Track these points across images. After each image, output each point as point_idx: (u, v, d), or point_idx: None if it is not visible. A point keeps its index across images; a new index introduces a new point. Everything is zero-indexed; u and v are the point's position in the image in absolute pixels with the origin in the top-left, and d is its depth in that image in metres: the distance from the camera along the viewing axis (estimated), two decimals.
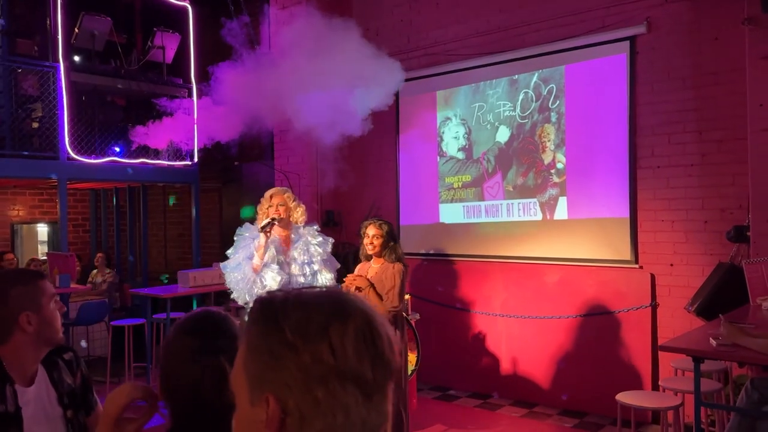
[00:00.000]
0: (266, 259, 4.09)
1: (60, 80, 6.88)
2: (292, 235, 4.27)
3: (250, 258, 4.10)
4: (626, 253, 5.26)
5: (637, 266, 5.20)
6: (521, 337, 5.83)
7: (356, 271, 4.30)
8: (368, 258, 4.23)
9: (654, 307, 5.12)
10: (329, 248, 4.33)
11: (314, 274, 4.21)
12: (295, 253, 4.19)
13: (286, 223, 4.22)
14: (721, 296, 4.37)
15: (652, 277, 5.13)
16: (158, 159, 7.98)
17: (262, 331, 0.78)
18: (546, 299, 5.67)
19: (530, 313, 5.74)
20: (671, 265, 5.05)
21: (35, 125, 7.51)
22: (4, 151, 6.90)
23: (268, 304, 0.80)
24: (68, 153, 7.00)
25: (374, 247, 4.14)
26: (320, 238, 4.31)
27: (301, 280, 4.16)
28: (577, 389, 5.47)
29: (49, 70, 6.94)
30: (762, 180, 4.29)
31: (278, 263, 4.11)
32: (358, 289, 3.99)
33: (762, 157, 4.28)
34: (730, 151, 4.72)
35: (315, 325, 0.76)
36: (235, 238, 4.37)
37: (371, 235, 4.17)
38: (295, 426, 0.75)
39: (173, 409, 1.25)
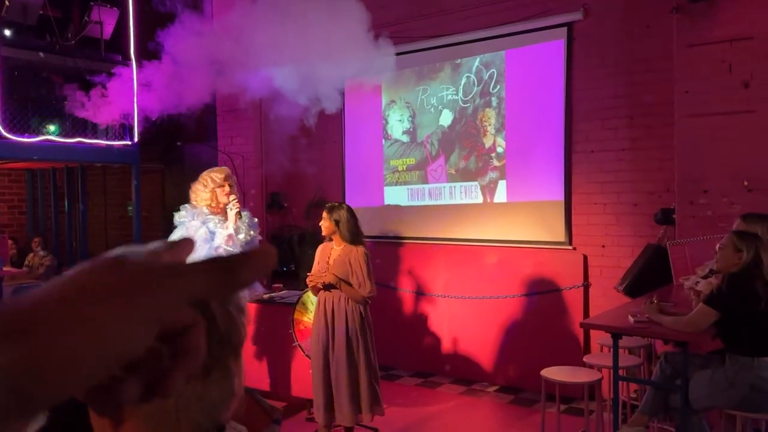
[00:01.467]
0: (219, 241, 4.07)
1: None
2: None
3: (208, 242, 4.05)
4: (561, 235, 5.42)
5: (571, 248, 5.37)
6: (462, 317, 5.96)
7: (318, 252, 4.25)
8: (330, 238, 4.22)
9: (586, 287, 5.31)
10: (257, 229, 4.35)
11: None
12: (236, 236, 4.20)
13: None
14: (648, 276, 4.57)
15: (585, 258, 5.31)
16: (96, 138, 7.76)
17: None
18: (486, 280, 5.81)
19: (471, 294, 5.87)
20: (603, 246, 5.24)
21: None
22: None
23: None
24: (0, 132, 6.73)
25: (324, 229, 4.16)
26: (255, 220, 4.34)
27: None
28: (513, 366, 5.64)
29: None
30: (687, 165, 4.48)
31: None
32: (328, 286, 4.00)
33: (687, 143, 4.47)
34: (658, 136, 4.90)
35: None
36: (176, 224, 4.28)
37: (321, 224, 4.19)
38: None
39: None
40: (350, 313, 4.01)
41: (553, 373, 3.75)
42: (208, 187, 4.22)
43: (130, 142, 7.93)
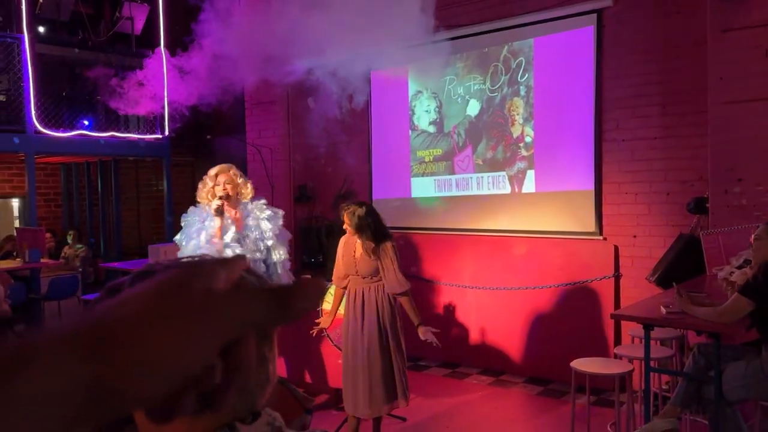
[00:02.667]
0: (227, 239, 4.05)
1: (24, 52, 6.75)
2: (242, 212, 4.20)
3: (209, 241, 4.05)
4: (591, 225, 5.35)
5: (601, 238, 5.30)
6: (490, 308, 5.93)
7: (341, 246, 4.20)
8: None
9: (617, 277, 5.24)
10: (280, 222, 4.26)
11: (268, 249, 4.18)
12: (247, 230, 4.17)
13: (235, 201, 4.10)
14: (681, 266, 4.49)
15: (616, 248, 5.23)
16: (128, 132, 7.90)
17: None
18: (514, 271, 5.77)
19: (499, 285, 5.84)
20: (634, 236, 5.16)
21: (1, 98, 7.38)
22: None
23: (141, 275, 0.82)
24: (35, 126, 6.90)
25: (348, 231, 4.11)
26: (269, 212, 4.23)
27: (258, 255, 4.14)
28: (542, 358, 5.60)
29: (13, 41, 6.79)
30: (721, 153, 4.38)
31: (236, 241, 4.09)
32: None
33: (721, 130, 4.36)
34: (691, 124, 4.80)
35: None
36: (182, 224, 4.23)
37: (346, 222, 4.12)
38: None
39: None
40: (381, 304, 4.02)
41: (583, 364, 3.72)
42: (206, 186, 4.13)
43: (161, 136, 8.06)
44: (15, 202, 9.70)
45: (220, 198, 4.00)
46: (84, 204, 9.84)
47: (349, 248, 4.15)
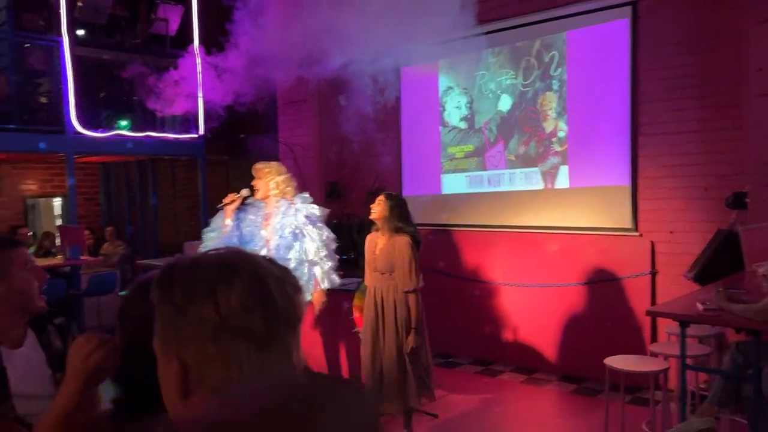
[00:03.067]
0: (246, 236, 4.21)
1: (63, 54, 6.93)
2: (276, 208, 4.35)
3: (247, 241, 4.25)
4: (626, 221, 5.25)
5: (637, 234, 5.20)
6: (523, 305, 5.87)
7: (366, 242, 4.25)
8: (377, 228, 4.20)
9: (653, 274, 5.13)
10: (302, 217, 4.35)
11: (287, 247, 4.28)
12: (274, 226, 4.29)
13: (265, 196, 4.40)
14: (719, 263, 4.36)
15: (652, 244, 5.13)
16: (164, 132, 8.05)
17: (160, 295, 0.83)
18: (547, 268, 5.70)
19: (532, 282, 5.78)
20: (671, 232, 5.04)
21: (43, 100, 7.59)
22: (11, 126, 6.99)
23: (168, 269, 0.85)
24: (75, 127, 7.08)
25: (374, 213, 4.12)
26: (293, 209, 4.35)
27: (281, 252, 4.24)
28: (577, 356, 5.53)
29: (53, 44, 6.98)
30: (760, 146, 4.25)
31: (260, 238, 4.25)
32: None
33: (760, 123, 4.24)
34: (729, 117, 4.67)
35: (201, 287, 0.80)
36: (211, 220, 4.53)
37: (376, 200, 4.18)
38: (196, 382, 0.80)
39: (124, 340, 1.28)
40: (399, 302, 4.00)
41: (618, 361, 3.65)
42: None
43: (195, 136, 8.19)
44: (57, 202, 9.98)
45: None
46: (122, 202, 10.07)
47: (371, 245, 4.19)
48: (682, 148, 4.96)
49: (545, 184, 5.73)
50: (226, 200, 4.33)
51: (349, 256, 6.50)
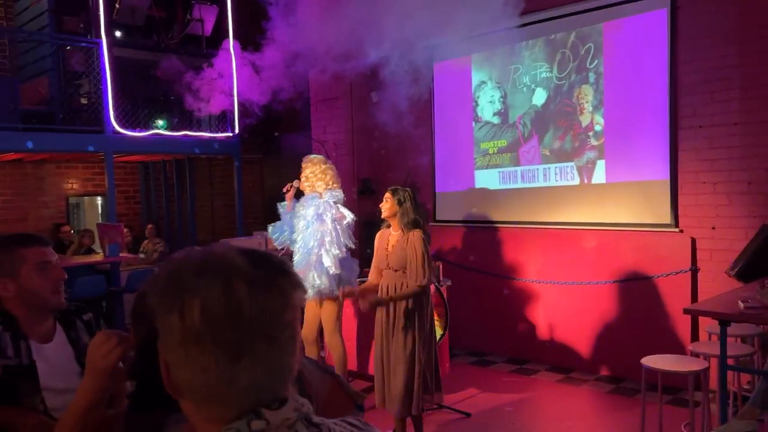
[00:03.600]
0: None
1: (102, 56, 7.08)
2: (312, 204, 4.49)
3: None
4: (666, 217, 5.10)
5: (677, 230, 5.05)
6: (558, 303, 5.77)
7: (377, 239, 4.20)
8: (388, 224, 4.16)
9: (694, 271, 4.97)
10: (328, 218, 4.52)
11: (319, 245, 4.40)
12: (303, 221, 4.43)
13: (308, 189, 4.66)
14: (763, 259, 4.20)
15: (693, 241, 4.97)
16: (201, 131, 8.16)
17: (146, 296, 0.86)
18: (584, 265, 5.58)
19: (568, 279, 5.66)
20: (713, 228, 4.88)
21: (83, 101, 7.77)
22: (54, 126, 7.18)
23: (157, 271, 0.86)
24: (113, 127, 7.23)
25: (384, 211, 4.07)
26: (316, 208, 4.54)
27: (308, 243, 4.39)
28: (614, 355, 5.40)
29: (92, 46, 7.14)
30: None
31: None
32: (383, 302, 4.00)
33: None
34: None
35: (171, 294, 0.80)
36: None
37: (381, 205, 4.13)
38: (173, 380, 0.82)
39: (137, 336, 1.29)
40: (409, 306, 3.91)
41: (655, 361, 3.54)
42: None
43: (231, 135, 8.28)
44: (99, 200, 10.24)
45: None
46: (161, 200, 10.25)
47: (383, 241, 4.11)
48: (724, 141, 4.78)
49: (581, 179, 5.61)
50: (284, 190, 4.78)
51: None
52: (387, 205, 4.03)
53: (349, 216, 4.62)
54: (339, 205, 4.63)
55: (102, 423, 1.33)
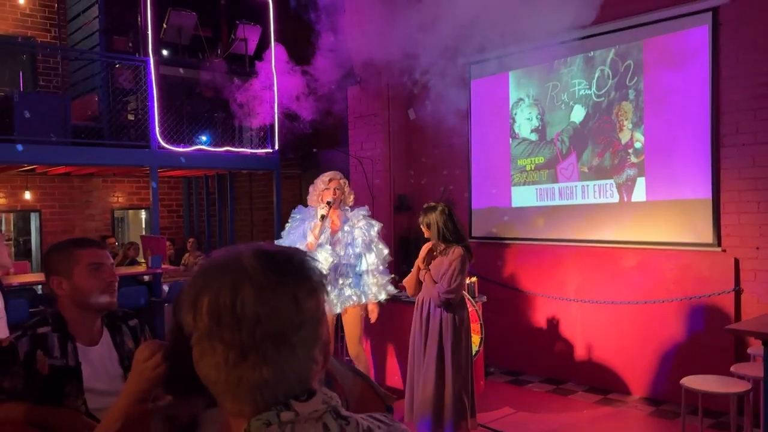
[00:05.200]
0: (321, 239, 4.27)
1: (150, 74, 7.33)
2: (342, 218, 4.46)
3: (304, 237, 4.29)
4: (708, 236, 5.00)
5: (719, 249, 4.94)
6: (597, 322, 5.68)
7: (423, 249, 4.24)
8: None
9: (738, 292, 4.85)
10: (374, 232, 4.47)
11: (357, 256, 4.37)
12: (341, 234, 4.37)
13: (338, 205, 4.44)
14: None
15: (736, 261, 4.85)
16: (242, 147, 8.34)
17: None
18: (623, 284, 5.49)
19: (606, 298, 5.58)
20: (757, 248, 4.76)
21: (131, 117, 8.04)
22: (103, 141, 7.44)
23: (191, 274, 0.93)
24: (159, 142, 7.45)
25: (425, 233, 4.15)
26: (364, 222, 4.45)
27: (351, 260, 4.31)
28: (655, 376, 5.28)
29: (140, 64, 7.40)
30: None
31: (330, 244, 4.30)
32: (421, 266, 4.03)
33: None
34: None
35: (190, 295, 0.86)
36: (288, 221, 4.64)
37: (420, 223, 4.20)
38: (199, 374, 0.88)
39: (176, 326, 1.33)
40: (444, 320, 3.90)
41: (695, 382, 3.46)
42: (317, 189, 4.55)
43: (271, 150, 8.44)
44: (143, 214, 10.53)
45: (328, 203, 4.28)
46: (203, 214, 10.48)
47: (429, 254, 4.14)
48: None
49: (621, 196, 5.54)
50: (321, 208, 4.42)
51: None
52: (426, 232, 4.12)
53: (377, 225, 4.66)
54: (370, 218, 4.67)
55: (142, 415, 1.38)
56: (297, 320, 0.84)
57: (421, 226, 4.12)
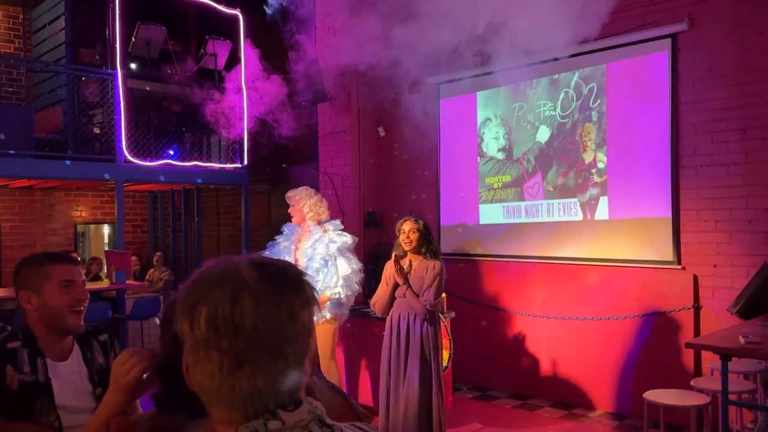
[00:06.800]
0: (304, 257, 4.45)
1: (117, 87, 7.26)
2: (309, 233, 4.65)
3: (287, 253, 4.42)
4: (668, 254, 5.16)
5: (679, 267, 5.10)
6: (561, 338, 5.78)
7: (386, 268, 4.20)
8: (403, 254, 4.17)
9: (697, 308, 5.00)
10: (334, 249, 4.63)
11: (316, 271, 4.47)
12: (303, 248, 4.53)
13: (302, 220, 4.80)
14: (764, 297, 4.24)
15: (695, 278, 5.01)
16: (210, 162, 8.30)
17: (175, 302, 0.94)
18: (587, 300, 5.62)
19: (571, 314, 5.69)
20: (714, 266, 4.93)
21: (97, 130, 7.93)
22: (66, 155, 7.32)
23: (187, 279, 0.94)
24: (125, 156, 7.36)
25: (411, 242, 4.06)
26: (328, 237, 4.65)
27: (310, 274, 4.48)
28: (618, 391, 5.39)
29: (107, 77, 7.32)
30: None
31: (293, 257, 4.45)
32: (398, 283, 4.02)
33: None
34: None
35: (187, 303, 0.88)
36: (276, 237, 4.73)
37: (407, 230, 4.10)
38: (190, 382, 0.90)
39: (164, 336, 1.33)
40: (425, 334, 3.92)
41: (657, 395, 3.57)
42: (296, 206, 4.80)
43: (240, 165, 8.41)
44: (106, 228, 10.34)
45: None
46: (168, 229, 10.34)
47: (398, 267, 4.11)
48: (725, 181, 4.87)
49: (584, 215, 5.69)
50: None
51: None
52: (415, 236, 4.06)
53: (350, 239, 4.73)
54: (342, 233, 4.75)
55: (124, 428, 1.38)
56: (292, 331, 0.87)
57: (416, 233, 4.07)
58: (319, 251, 4.55)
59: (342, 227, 4.87)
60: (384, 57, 5.76)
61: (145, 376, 1.41)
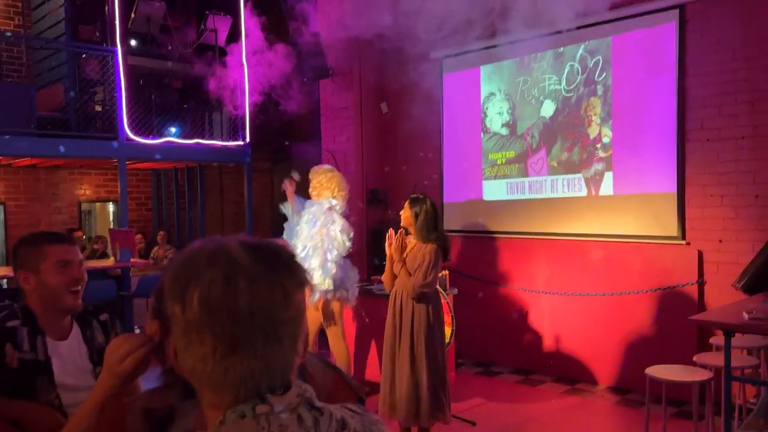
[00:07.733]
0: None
1: (118, 64, 7.20)
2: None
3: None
4: (673, 229, 5.12)
5: (684, 242, 5.06)
6: (565, 314, 5.78)
7: (396, 240, 4.17)
8: (407, 232, 4.21)
9: (701, 284, 4.98)
10: (315, 229, 4.75)
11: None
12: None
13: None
14: None
15: (700, 253, 4.98)
16: (212, 139, 8.26)
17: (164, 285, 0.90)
18: (590, 276, 5.60)
19: (574, 290, 5.68)
20: (720, 241, 4.89)
21: (98, 108, 7.89)
22: (69, 133, 7.29)
23: (172, 259, 0.91)
24: (127, 134, 7.33)
25: (403, 219, 4.11)
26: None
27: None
28: (621, 366, 5.40)
29: (107, 54, 7.26)
30: None
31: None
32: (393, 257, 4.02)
33: None
34: None
35: (177, 284, 0.85)
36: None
37: (401, 213, 4.17)
38: (180, 365, 0.87)
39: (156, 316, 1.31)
40: (416, 313, 3.92)
41: (659, 371, 3.56)
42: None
43: (242, 143, 8.37)
44: (111, 207, 10.35)
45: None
46: (172, 207, 10.35)
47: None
48: (732, 155, 4.81)
49: (589, 190, 5.64)
50: (282, 189, 5.27)
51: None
52: (405, 215, 4.09)
53: (338, 221, 4.70)
54: (334, 212, 4.73)
55: (118, 409, 1.37)
56: (286, 313, 0.85)
57: (407, 212, 4.06)
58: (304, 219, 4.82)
59: (340, 204, 4.86)
60: (387, 29, 5.68)
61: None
